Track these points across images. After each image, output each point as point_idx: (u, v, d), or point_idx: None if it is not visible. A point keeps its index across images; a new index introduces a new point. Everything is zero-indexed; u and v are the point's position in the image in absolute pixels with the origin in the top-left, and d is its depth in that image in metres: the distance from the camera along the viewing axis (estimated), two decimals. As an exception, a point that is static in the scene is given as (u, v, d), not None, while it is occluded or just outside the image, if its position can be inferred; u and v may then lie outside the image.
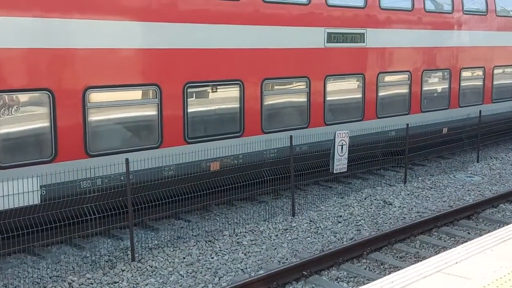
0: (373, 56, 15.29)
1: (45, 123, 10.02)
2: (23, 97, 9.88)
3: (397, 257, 10.07)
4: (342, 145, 13.84)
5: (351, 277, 9.13)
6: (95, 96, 10.59)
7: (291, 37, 13.37)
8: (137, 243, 10.23)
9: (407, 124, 15.03)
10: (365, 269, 9.52)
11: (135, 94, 11.41)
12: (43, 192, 9.78)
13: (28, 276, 9.21)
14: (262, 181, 12.71)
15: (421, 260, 8.26)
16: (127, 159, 9.89)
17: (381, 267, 9.59)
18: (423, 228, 11.19)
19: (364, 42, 14.88)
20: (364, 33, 14.82)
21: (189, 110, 11.76)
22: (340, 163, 13.94)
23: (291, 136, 12.32)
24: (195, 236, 11.01)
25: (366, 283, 6.76)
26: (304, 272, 9.01)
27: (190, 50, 11.74)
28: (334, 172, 14.01)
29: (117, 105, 11.04)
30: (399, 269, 7.07)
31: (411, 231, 10.96)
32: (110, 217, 10.27)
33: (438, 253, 8.67)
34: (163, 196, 10.97)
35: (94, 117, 10.58)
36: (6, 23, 9.47)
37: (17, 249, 9.72)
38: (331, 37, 14.09)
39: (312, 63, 13.86)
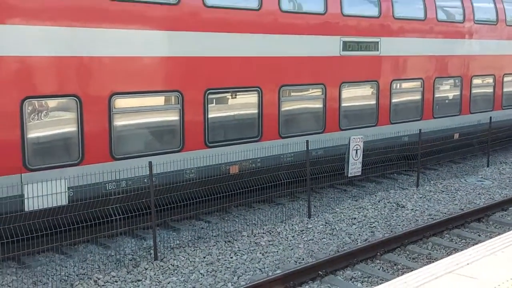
0: (387, 64, 15.22)
1: (72, 128, 10.10)
2: (52, 102, 9.95)
3: (409, 258, 10.00)
4: (356, 150, 13.81)
5: (365, 277, 9.09)
6: (120, 102, 10.64)
7: (308, 45, 13.35)
8: (159, 243, 10.26)
9: (420, 130, 14.96)
10: (379, 269, 9.47)
11: (158, 100, 11.45)
12: (71, 194, 9.85)
13: (56, 274, 9.29)
14: (279, 184, 12.70)
15: (433, 261, 8.21)
16: (150, 163, 9.92)
17: (394, 267, 9.54)
18: (435, 230, 11.12)
19: (378, 50, 14.83)
20: (378, 42, 14.78)
21: (209, 116, 11.78)
22: (354, 167, 13.90)
23: (307, 141, 12.31)
24: (215, 236, 11.03)
25: (380, 283, 6.74)
26: (319, 272, 8.98)
27: (211, 58, 11.76)
28: (349, 175, 13.98)
29: (141, 110, 11.09)
30: (411, 270, 7.03)
31: (423, 233, 10.90)
32: (134, 217, 10.35)
33: (450, 254, 8.61)
34: (185, 197, 11.01)
35: (119, 122, 10.64)
36: (36, 32, 9.56)
37: (45, 248, 9.80)
38: (346, 46, 14.07)
39: (328, 70, 13.83)
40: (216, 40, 11.79)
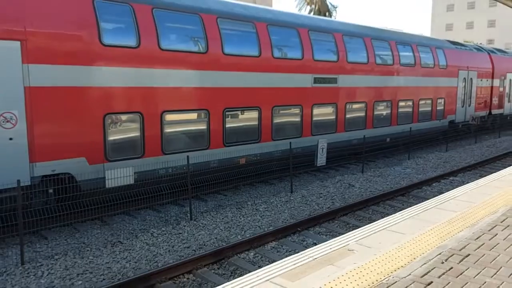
0: (343, 92, 15.26)
1: (137, 133, 10.15)
2: (124, 116, 10.03)
3: (357, 220, 10.06)
4: (322, 148, 13.83)
5: (328, 232, 9.15)
6: (168, 116, 10.68)
7: (291, 80, 13.35)
8: (193, 209, 10.32)
9: (364, 135, 14.97)
10: (337, 227, 9.52)
11: (193, 115, 11.47)
12: (136, 176, 9.91)
13: (125, 229, 9.37)
14: (272, 171, 12.72)
15: (372, 222, 8.24)
16: (187, 156, 9.96)
17: (347, 226, 9.59)
18: (374, 201, 11.18)
19: (337, 83, 14.84)
20: (337, 78, 14.79)
21: (226, 126, 11.79)
22: (321, 159, 13.93)
23: (290, 143, 12.33)
24: (229, 205, 11.08)
25: (337, 236, 6.75)
26: (298, 229, 9.05)
27: (227, 88, 11.73)
28: (317, 165, 14.01)
29: (182, 122, 11.08)
30: (358, 227, 7.08)
31: (366, 204, 10.95)
32: (177, 192, 10.38)
33: (384, 217, 8.64)
34: (210, 179, 11.02)
35: (167, 129, 10.65)
36: (115, 71, 9.60)
37: (119, 212, 9.87)
38: (316, 80, 14.09)
39: (304, 96, 13.84)
40: (231, 76, 11.76)
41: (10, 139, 8.14)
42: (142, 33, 9.85)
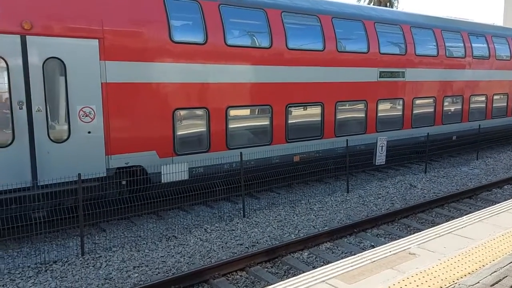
0: (410, 86, 14.72)
1: (203, 128, 10.37)
2: (192, 112, 10.27)
3: (419, 222, 9.73)
4: (382, 146, 13.48)
5: (387, 234, 8.94)
6: (233, 112, 10.81)
7: (356, 74, 13.13)
8: (246, 206, 10.46)
9: (428, 133, 14.43)
10: (397, 229, 9.27)
11: (257, 111, 11.53)
12: (202, 170, 10.17)
13: (180, 224, 9.67)
14: (328, 169, 12.60)
15: (436, 225, 7.93)
16: (241, 153, 10.07)
17: (408, 228, 9.31)
18: (438, 203, 10.76)
19: (404, 77, 14.40)
20: (404, 71, 14.37)
21: (289, 122, 11.78)
22: (380, 158, 13.58)
23: (347, 140, 12.14)
24: (283, 203, 11.11)
25: (397, 239, 6.59)
26: (355, 230, 8.92)
27: (291, 84, 11.71)
28: (376, 164, 13.67)
29: (246, 117, 11.21)
30: (420, 231, 6.85)
31: (429, 206, 10.56)
32: (231, 189, 10.55)
33: (448, 220, 8.29)
34: (265, 176, 11.11)
35: (232, 125, 10.78)
36: (184, 68, 9.89)
37: (174, 206, 10.20)
38: (382, 74, 13.78)
39: (369, 91, 13.56)
40: (295, 71, 11.72)
41: (89, 132, 8.73)
42: (209, 30, 10.14)
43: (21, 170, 8.17)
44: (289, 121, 11.75)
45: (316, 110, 12.45)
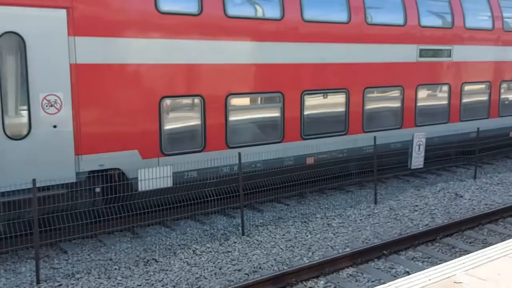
0: (458, 68, 14.77)
1: (198, 121, 10.54)
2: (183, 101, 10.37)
3: (466, 242, 9.73)
4: (419, 145, 13.49)
5: (426, 258, 8.94)
6: (234, 101, 10.96)
7: (389, 52, 13.20)
8: (246, 221, 10.45)
9: (478, 128, 14.44)
10: (438, 251, 9.28)
11: (265, 99, 11.68)
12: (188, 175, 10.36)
13: (162, 243, 9.69)
14: (349, 174, 12.63)
15: (488, 246, 7.96)
16: (239, 153, 10.09)
17: (452, 250, 9.31)
18: (491, 218, 10.75)
19: (450, 56, 14.43)
20: (451, 49, 14.38)
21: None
22: (417, 160, 13.60)
23: (374, 137, 12.15)
24: (292, 217, 11.14)
25: (439, 264, 6.61)
26: (384, 252, 8.93)
27: (306, 65, 11.85)
28: (412, 167, 13.69)
29: (251, 108, 11.42)
30: (468, 253, 6.87)
31: (480, 221, 10.56)
32: (225, 199, 10.57)
33: (504, 240, 8.30)
34: (269, 183, 11.13)
35: (233, 116, 10.95)
36: (165, 45, 9.96)
37: (154, 222, 10.24)
38: (422, 53, 13.83)
39: (408, 74, 13.63)
40: (313, 49, 11.83)
41: (54, 126, 8.77)
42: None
43: None
44: (304, 113, 11.80)
45: (339, 98, 12.48)
